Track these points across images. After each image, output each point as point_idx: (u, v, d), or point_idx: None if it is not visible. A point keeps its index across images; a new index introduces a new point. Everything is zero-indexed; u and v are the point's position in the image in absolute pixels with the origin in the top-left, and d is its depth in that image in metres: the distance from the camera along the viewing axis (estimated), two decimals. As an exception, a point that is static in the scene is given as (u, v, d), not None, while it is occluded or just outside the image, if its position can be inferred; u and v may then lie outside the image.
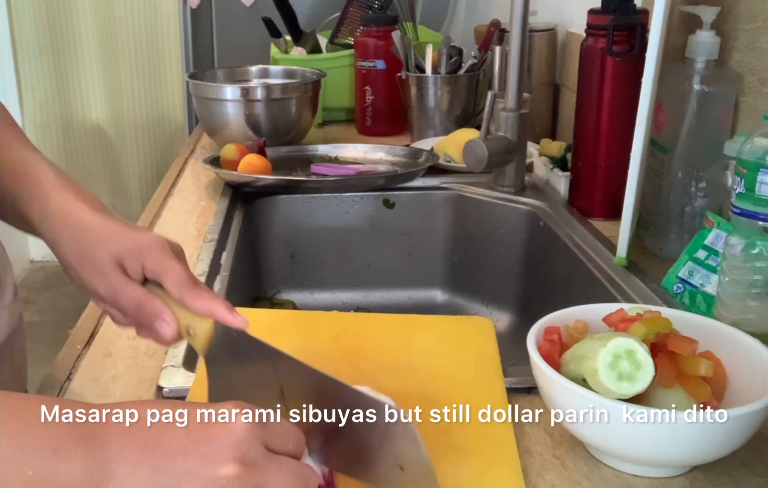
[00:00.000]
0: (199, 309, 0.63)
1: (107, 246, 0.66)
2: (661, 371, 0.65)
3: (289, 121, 1.63)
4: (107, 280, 0.66)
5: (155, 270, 0.65)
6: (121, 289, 0.65)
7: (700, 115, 1.05)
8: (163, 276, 0.65)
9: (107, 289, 0.66)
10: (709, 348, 0.70)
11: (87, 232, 0.67)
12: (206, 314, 0.63)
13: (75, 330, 0.90)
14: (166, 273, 0.64)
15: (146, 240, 0.66)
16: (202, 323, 0.64)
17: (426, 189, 1.44)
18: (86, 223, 0.68)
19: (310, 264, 1.43)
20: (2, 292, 0.76)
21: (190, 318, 0.64)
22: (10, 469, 0.48)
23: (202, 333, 0.64)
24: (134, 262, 0.65)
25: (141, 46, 3.30)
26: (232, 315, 0.62)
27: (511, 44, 1.29)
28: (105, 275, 0.66)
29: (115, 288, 0.65)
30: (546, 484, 0.64)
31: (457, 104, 1.69)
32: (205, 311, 0.63)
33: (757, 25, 1.02)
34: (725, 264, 0.82)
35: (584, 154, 1.24)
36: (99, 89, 3.36)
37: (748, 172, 0.80)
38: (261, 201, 1.39)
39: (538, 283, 1.29)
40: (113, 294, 0.66)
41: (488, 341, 0.88)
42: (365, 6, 1.99)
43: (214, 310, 0.63)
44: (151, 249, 0.66)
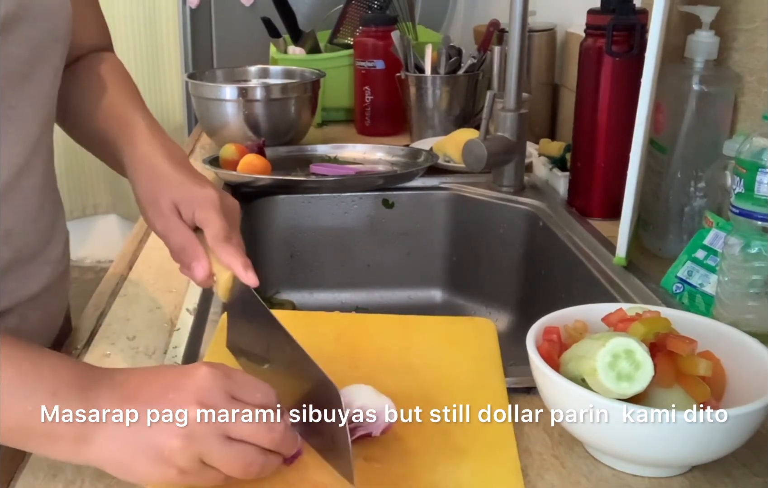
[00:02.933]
0: (222, 260, 0.73)
1: (170, 191, 0.77)
2: (660, 371, 0.65)
3: (289, 121, 1.63)
4: (165, 220, 0.77)
5: (201, 219, 0.75)
6: (173, 229, 0.76)
7: (699, 115, 1.05)
8: (205, 226, 0.75)
9: (163, 228, 0.77)
10: (709, 348, 0.70)
11: (158, 178, 0.78)
12: (227, 265, 0.73)
13: (75, 330, 0.90)
14: (207, 224, 0.75)
15: (202, 193, 0.77)
16: (222, 273, 0.74)
17: (425, 189, 1.44)
18: (159, 170, 0.79)
19: (310, 265, 1.44)
20: (50, 248, 0.83)
21: (217, 268, 0.74)
22: (14, 398, 0.58)
23: (221, 281, 0.74)
24: (188, 210, 0.76)
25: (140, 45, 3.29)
26: (245, 272, 0.72)
27: (510, 44, 1.29)
28: (164, 216, 0.77)
29: (169, 227, 0.76)
30: (545, 484, 0.64)
31: (456, 104, 1.69)
32: (226, 263, 0.73)
33: (756, 25, 1.03)
34: (724, 264, 0.82)
35: (583, 153, 1.24)
36: (98, 89, 3.36)
37: (747, 171, 0.80)
38: (260, 201, 1.39)
39: (538, 283, 1.29)
40: (167, 232, 0.77)
41: (489, 342, 0.88)
42: (365, 6, 1.99)
43: (232, 264, 0.73)
44: (202, 201, 0.76)
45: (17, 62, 0.71)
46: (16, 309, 0.77)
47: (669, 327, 0.69)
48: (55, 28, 0.76)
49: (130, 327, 0.91)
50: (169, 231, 0.77)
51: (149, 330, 0.90)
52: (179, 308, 0.95)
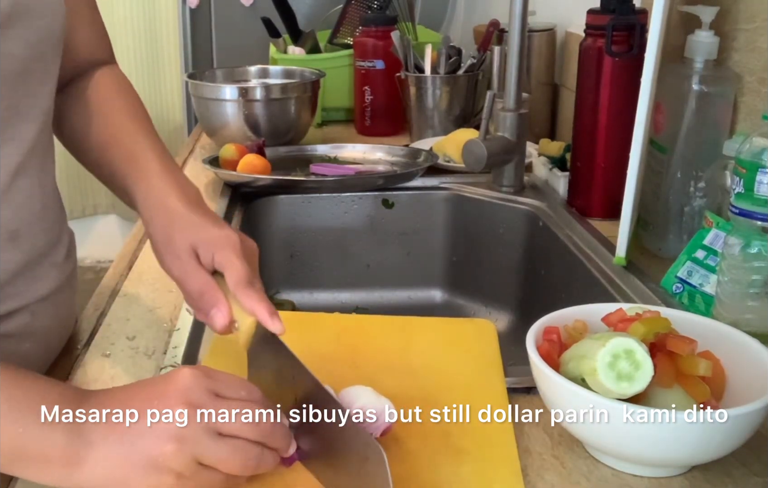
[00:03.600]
0: (246, 306, 0.70)
1: (187, 234, 0.74)
2: (660, 371, 0.65)
3: (288, 121, 1.63)
4: (181, 264, 0.73)
5: (221, 263, 0.72)
6: (190, 273, 0.73)
7: (699, 114, 1.05)
8: (225, 270, 0.71)
9: (180, 272, 0.74)
10: (709, 348, 0.70)
11: (174, 219, 0.75)
12: (250, 312, 0.69)
13: (74, 331, 0.90)
14: (228, 268, 0.71)
15: (220, 234, 0.74)
16: (245, 319, 0.70)
17: (425, 189, 1.44)
18: (174, 211, 0.76)
19: (310, 265, 1.43)
20: (55, 251, 0.81)
21: (238, 314, 0.71)
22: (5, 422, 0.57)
23: (244, 328, 0.70)
24: (206, 253, 0.73)
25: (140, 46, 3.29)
26: (271, 319, 0.69)
27: (510, 44, 1.29)
28: (180, 259, 0.73)
29: (186, 271, 0.73)
30: (545, 484, 0.64)
31: (456, 104, 1.69)
32: (250, 309, 0.69)
33: (756, 25, 1.03)
34: (724, 264, 0.82)
35: (583, 153, 1.24)
36: (98, 89, 3.36)
37: (747, 171, 0.80)
38: (260, 201, 1.39)
39: (537, 283, 1.29)
40: (184, 277, 0.73)
41: (490, 343, 0.88)
42: (364, 6, 1.99)
43: (257, 310, 0.69)
44: (222, 243, 0.73)
45: (13, 61, 0.71)
46: (27, 308, 0.77)
47: (669, 328, 0.69)
48: (50, 27, 0.76)
49: (130, 327, 0.91)
50: (187, 275, 0.73)
51: (149, 330, 0.90)
52: (179, 308, 0.95)
